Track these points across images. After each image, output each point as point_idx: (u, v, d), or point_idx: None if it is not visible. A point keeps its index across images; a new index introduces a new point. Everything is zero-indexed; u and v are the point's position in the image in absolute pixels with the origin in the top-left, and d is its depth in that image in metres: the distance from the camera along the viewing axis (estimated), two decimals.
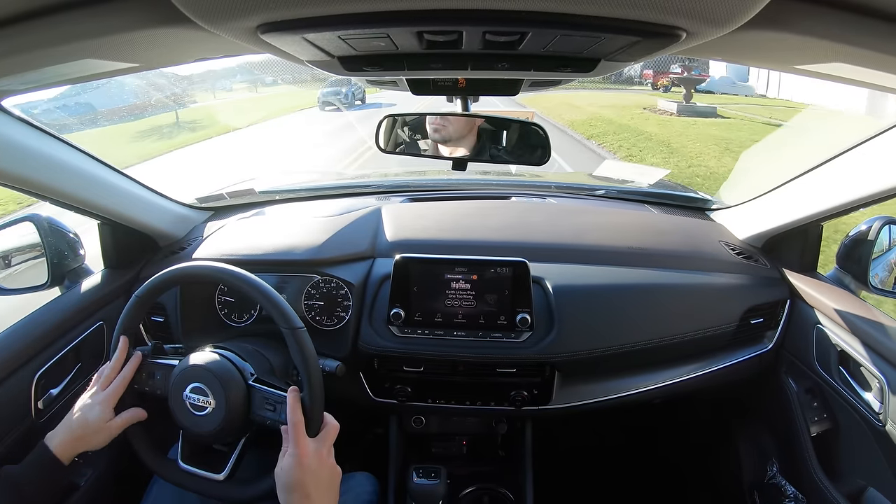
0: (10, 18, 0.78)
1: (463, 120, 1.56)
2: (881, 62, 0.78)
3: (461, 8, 0.66)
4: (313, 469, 1.15)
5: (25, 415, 1.51)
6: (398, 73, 1.05)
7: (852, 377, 1.59)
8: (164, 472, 1.34)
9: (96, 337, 1.76)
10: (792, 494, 1.77)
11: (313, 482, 1.14)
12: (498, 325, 1.69)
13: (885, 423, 1.43)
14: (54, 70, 0.99)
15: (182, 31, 0.79)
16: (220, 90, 29.99)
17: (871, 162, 1.42)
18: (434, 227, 2.01)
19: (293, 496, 1.13)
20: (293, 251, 1.79)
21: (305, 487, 1.13)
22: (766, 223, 1.87)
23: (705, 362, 1.80)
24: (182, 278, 1.39)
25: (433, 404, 1.81)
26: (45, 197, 1.52)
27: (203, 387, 1.27)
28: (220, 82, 30.56)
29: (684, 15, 0.65)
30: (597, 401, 1.78)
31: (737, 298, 1.79)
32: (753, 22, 0.67)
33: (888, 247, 1.66)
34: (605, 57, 0.87)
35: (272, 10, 0.66)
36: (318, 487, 1.15)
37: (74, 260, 1.82)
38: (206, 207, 2.25)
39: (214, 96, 29.10)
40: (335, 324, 1.76)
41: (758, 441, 2.03)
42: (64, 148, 1.54)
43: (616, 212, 2.27)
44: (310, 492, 1.13)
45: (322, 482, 1.16)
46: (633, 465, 2.54)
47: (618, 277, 1.79)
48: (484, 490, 1.96)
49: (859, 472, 1.59)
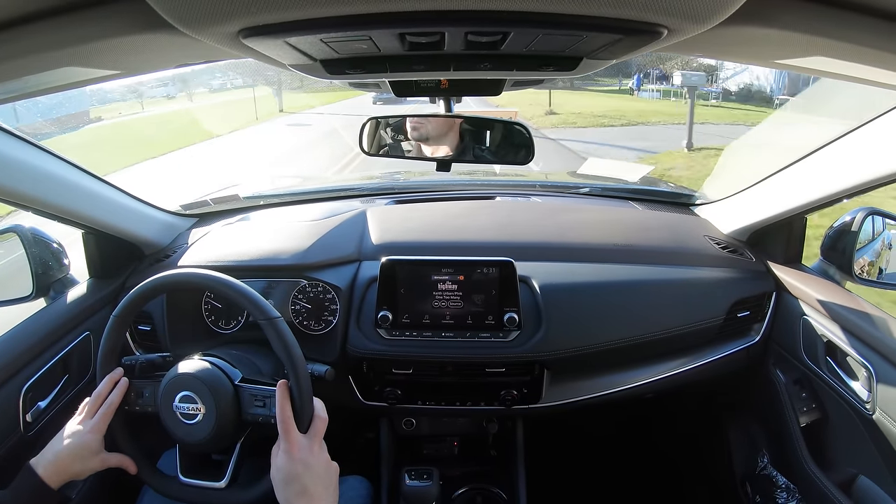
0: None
1: (441, 119, 1.56)
2: (861, 55, 0.79)
3: (443, 9, 0.66)
4: (307, 462, 1.15)
5: (14, 428, 1.49)
6: (381, 76, 1.04)
7: (840, 367, 1.60)
8: (166, 490, 1.33)
9: (83, 348, 1.74)
10: (783, 485, 1.79)
11: (308, 476, 1.14)
12: (486, 325, 1.69)
13: (873, 412, 1.44)
14: (34, 79, 0.98)
15: (163, 37, 0.78)
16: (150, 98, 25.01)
17: (853, 154, 1.44)
18: (420, 228, 2.00)
19: (289, 490, 1.13)
20: (279, 256, 1.79)
21: (300, 480, 1.13)
22: (750, 217, 1.89)
23: (694, 356, 1.82)
24: (156, 290, 1.38)
25: (423, 406, 1.81)
26: (28, 207, 1.51)
27: (191, 394, 1.26)
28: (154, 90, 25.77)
29: (665, 12, 0.65)
30: (587, 398, 1.79)
31: (723, 292, 1.80)
32: (734, 18, 0.67)
33: (871, 237, 1.68)
34: (587, 55, 0.87)
35: (253, 14, 0.65)
36: (314, 481, 1.14)
37: (59, 270, 1.81)
38: (191, 214, 2.23)
39: (143, 107, 24.48)
40: (323, 328, 1.76)
41: (748, 433, 2.04)
42: (46, 157, 1.52)
43: (601, 209, 2.28)
44: (306, 484, 1.13)
45: (318, 476, 1.15)
46: (624, 460, 2.55)
47: (604, 274, 1.79)
48: (477, 490, 1.96)
49: (849, 461, 1.60)
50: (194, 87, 24.98)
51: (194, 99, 25.83)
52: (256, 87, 23.99)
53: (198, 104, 24.53)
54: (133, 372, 1.39)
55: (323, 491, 1.15)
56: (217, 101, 24.08)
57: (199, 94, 24.79)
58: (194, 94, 25.40)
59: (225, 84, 24.02)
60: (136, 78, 1.10)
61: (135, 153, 14.96)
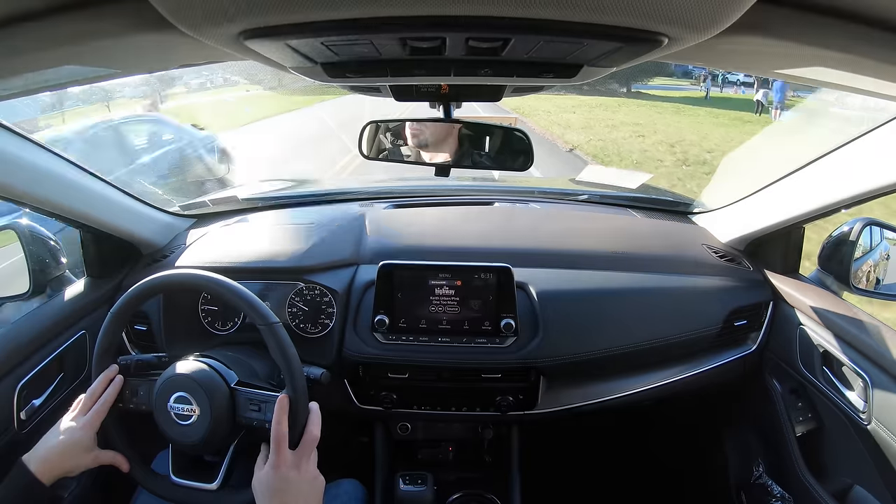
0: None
1: (440, 124, 1.56)
2: (861, 66, 0.79)
3: (444, 14, 0.66)
4: (290, 479, 1.15)
5: (8, 426, 1.49)
6: (381, 80, 1.04)
7: (836, 377, 1.60)
8: (157, 489, 1.33)
9: (79, 347, 1.74)
10: (779, 494, 1.79)
11: (290, 492, 1.15)
12: (482, 330, 1.69)
13: (868, 422, 1.45)
14: (34, 76, 0.98)
15: (165, 37, 0.78)
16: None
17: (851, 164, 1.44)
18: (418, 233, 2.01)
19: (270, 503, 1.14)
20: (276, 258, 1.79)
21: (281, 496, 1.14)
22: (748, 226, 1.89)
23: (690, 365, 1.81)
24: (154, 290, 1.38)
25: (419, 410, 1.81)
26: (26, 204, 1.50)
27: (186, 395, 1.26)
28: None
29: (666, 21, 0.65)
30: (582, 404, 1.79)
31: (720, 301, 1.80)
32: (735, 27, 0.67)
33: (870, 248, 1.68)
34: (587, 63, 0.87)
35: (255, 16, 0.65)
36: (296, 498, 1.15)
37: (56, 269, 1.80)
38: (189, 215, 2.23)
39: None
40: (319, 331, 1.76)
41: (744, 442, 2.04)
42: (45, 154, 1.52)
43: (599, 216, 2.28)
44: (286, 500, 1.14)
45: (300, 493, 1.16)
46: (620, 468, 2.55)
47: (601, 282, 1.79)
48: (471, 496, 1.95)
49: (845, 471, 1.60)
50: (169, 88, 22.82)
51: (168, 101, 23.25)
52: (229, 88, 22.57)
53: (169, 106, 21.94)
54: (128, 371, 1.38)
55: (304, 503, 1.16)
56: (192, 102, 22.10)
57: (177, 95, 22.71)
58: (171, 95, 23.52)
59: (205, 84, 22.14)
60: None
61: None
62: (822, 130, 6.53)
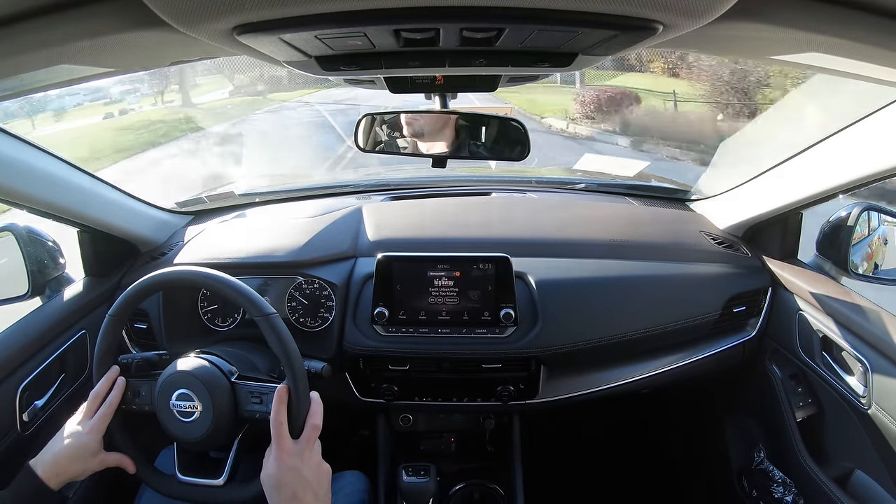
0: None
1: (436, 115, 1.55)
2: (857, 52, 0.79)
3: (438, 5, 0.66)
4: (296, 468, 1.15)
5: (10, 427, 1.49)
6: (376, 72, 1.04)
7: (835, 362, 1.61)
8: (164, 489, 1.33)
9: (79, 346, 1.74)
10: (780, 479, 1.79)
11: (298, 482, 1.15)
12: (482, 321, 1.69)
13: (869, 406, 1.45)
14: (30, 77, 0.97)
15: (158, 34, 0.78)
16: None
17: (849, 149, 1.44)
18: (415, 224, 2.01)
19: (279, 495, 1.14)
20: (275, 253, 1.79)
21: (290, 486, 1.14)
22: (746, 212, 1.89)
23: (690, 352, 1.82)
24: (152, 288, 1.38)
25: (420, 402, 1.81)
26: (22, 205, 1.50)
27: (188, 392, 1.26)
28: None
29: (661, 8, 0.65)
30: (583, 393, 1.79)
31: (719, 287, 1.80)
32: (729, 14, 0.67)
33: (868, 232, 1.68)
34: (582, 51, 0.87)
35: (248, 11, 0.65)
36: (303, 487, 1.15)
37: (55, 269, 1.80)
38: (186, 211, 2.23)
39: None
40: (319, 325, 1.76)
41: (744, 428, 2.04)
42: (40, 155, 1.52)
43: (596, 205, 2.28)
44: (295, 490, 1.14)
45: (307, 482, 1.16)
46: (622, 455, 2.55)
47: (600, 270, 1.79)
48: (474, 486, 1.96)
49: (845, 456, 1.61)
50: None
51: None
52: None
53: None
54: (129, 370, 1.38)
55: (312, 497, 1.16)
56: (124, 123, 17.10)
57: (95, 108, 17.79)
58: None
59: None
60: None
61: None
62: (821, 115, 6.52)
